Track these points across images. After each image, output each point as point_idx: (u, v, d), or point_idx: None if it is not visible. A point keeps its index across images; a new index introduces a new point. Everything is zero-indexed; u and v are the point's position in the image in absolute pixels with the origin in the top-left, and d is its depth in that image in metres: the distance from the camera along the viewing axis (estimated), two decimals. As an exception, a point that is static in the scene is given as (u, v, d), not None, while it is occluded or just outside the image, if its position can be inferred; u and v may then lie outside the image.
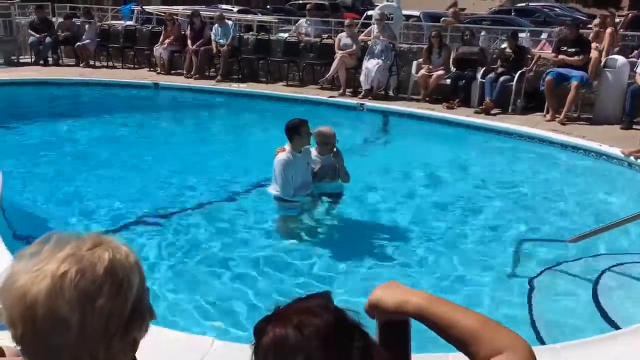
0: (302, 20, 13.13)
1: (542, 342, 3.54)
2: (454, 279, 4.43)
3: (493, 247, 5.01)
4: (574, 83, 8.99)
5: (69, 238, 1.06)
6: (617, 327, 3.63)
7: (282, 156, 5.02)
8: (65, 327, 0.99)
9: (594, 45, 9.60)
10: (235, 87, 11.46)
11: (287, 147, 5.04)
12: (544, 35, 12.21)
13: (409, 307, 1.11)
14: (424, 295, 1.13)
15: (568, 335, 3.55)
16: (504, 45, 10.28)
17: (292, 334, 1.00)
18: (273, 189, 5.17)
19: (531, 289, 4.23)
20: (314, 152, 5.30)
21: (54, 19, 14.28)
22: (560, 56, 9.35)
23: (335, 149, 5.34)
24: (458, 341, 1.08)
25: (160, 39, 12.60)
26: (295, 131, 4.95)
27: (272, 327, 1.02)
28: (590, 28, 10.92)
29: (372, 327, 1.10)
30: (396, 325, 1.15)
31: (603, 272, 4.45)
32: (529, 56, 10.04)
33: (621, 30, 11.86)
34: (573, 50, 9.29)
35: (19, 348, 1.54)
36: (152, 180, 6.56)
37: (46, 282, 0.99)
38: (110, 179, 6.55)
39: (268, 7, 29.45)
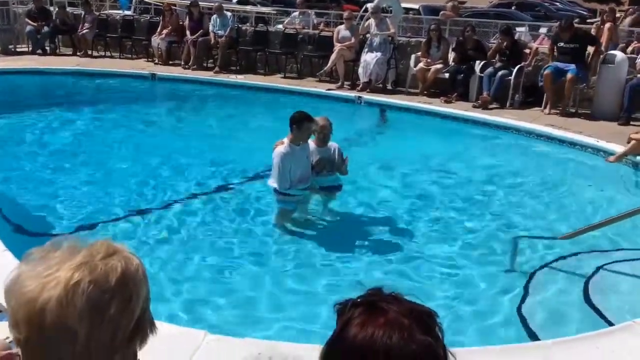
0: (295, 13, 13.08)
1: (534, 338, 3.56)
2: (447, 274, 4.44)
3: (486, 242, 5.00)
4: (569, 76, 8.99)
5: (81, 244, 1.04)
6: (609, 324, 3.64)
7: (280, 149, 5.00)
8: (73, 337, 0.97)
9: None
10: (233, 78, 11.42)
11: (286, 140, 5.02)
12: (542, 30, 12.16)
13: None
14: None
15: (559, 332, 3.56)
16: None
17: (397, 344, 0.95)
18: (272, 182, 5.17)
19: (523, 286, 4.24)
20: (312, 144, 5.29)
21: (51, 8, 14.19)
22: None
23: (337, 146, 5.36)
24: None
25: (158, 30, 12.53)
26: (296, 124, 4.94)
27: (377, 324, 0.97)
28: (591, 23, 10.89)
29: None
30: None
31: (595, 269, 4.46)
32: (526, 50, 10.01)
33: (622, 25, 11.83)
34: (571, 46, 9.25)
35: (8, 340, 1.54)
36: (148, 171, 6.54)
37: (58, 289, 0.96)
38: (107, 170, 6.54)
39: (267, -2, 29.25)
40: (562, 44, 9.34)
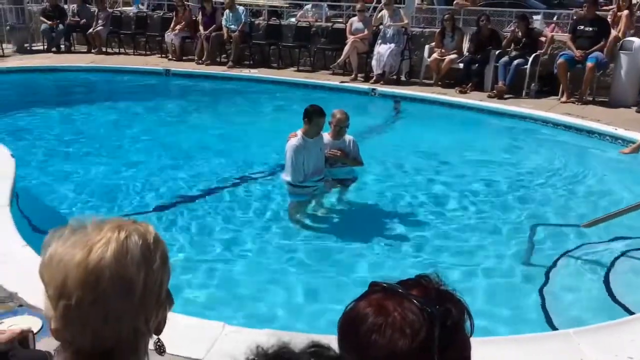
0: (308, 6, 13.03)
1: (555, 328, 3.53)
2: (468, 263, 4.42)
3: (506, 232, 4.98)
4: (589, 65, 8.83)
5: (104, 217, 1.09)
6: (630, 313, 3.60)
7: (293, 141, 5.01)
8: (131, 289, 1.01)
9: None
10: (246, 72, 11.42)
11: (300, 132, 5.02)
12: (555, 18, 11.98)
13: None
14: None
15: (581, 321, 3.52)
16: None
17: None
18: (286, 175, 5.17)
19: (544, 274, 4.20)
20: (326, 136, 5.28)
21: (65, 6, 14.28)
22: (578, 52, 9.01)
23: (352, 139, 5.34)
24: None
25: (172, 25, 12.56)
26: (308, 117, 4.94)
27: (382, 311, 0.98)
28: (606, 10, 10.70)
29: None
30: None
31: (617, 257, 4.42)
32: (542, 39, 9.88)
33: (638, 12, 11.61)
34: (591, 29, 9.09)
35: (35, 331, 1.55)
36: (164, 167, 6.58)
37: (112, 245, 1.00)
38: (122, 166, 6.57)
39: (279, -9, 29.18)
40: (582, 27, 9.16)
